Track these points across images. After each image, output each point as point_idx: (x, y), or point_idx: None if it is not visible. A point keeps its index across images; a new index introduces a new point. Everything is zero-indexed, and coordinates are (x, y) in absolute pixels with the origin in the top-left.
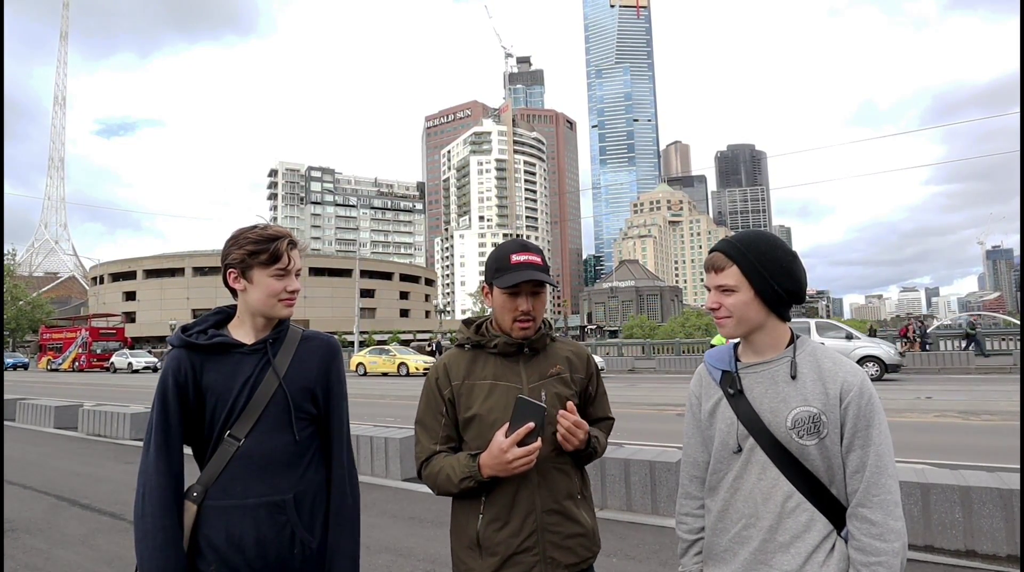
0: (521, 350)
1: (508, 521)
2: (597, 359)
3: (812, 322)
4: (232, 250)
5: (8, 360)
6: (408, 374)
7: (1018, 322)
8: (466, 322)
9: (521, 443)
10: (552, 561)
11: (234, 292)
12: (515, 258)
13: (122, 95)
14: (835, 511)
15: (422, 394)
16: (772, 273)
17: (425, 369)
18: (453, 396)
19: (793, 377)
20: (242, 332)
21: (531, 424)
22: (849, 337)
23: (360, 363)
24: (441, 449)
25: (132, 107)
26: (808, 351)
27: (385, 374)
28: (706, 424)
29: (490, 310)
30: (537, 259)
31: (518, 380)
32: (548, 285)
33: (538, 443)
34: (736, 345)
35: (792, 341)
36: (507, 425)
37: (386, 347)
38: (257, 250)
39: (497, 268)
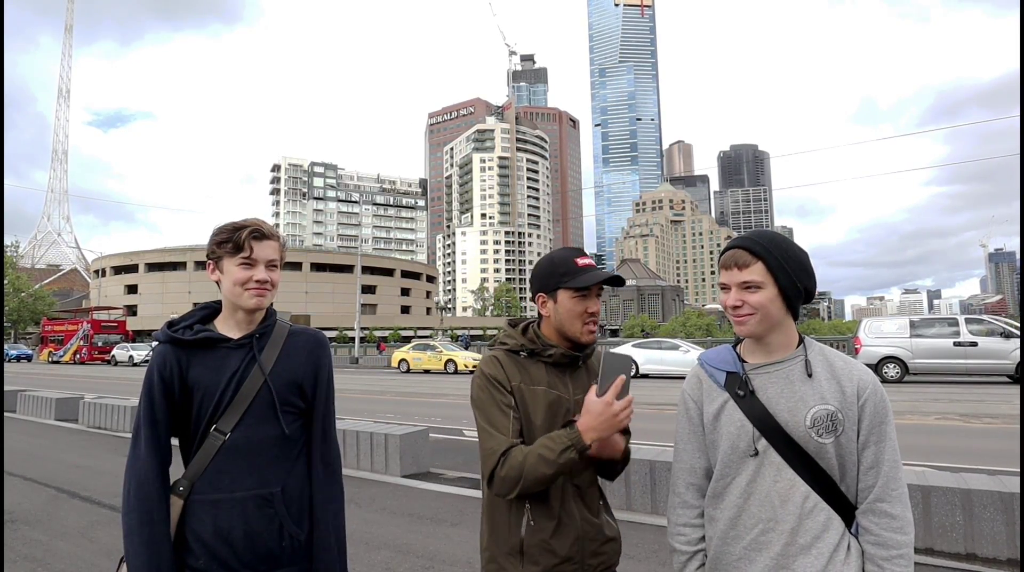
0: (576, 362)
1: (554, 532)
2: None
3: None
4: (209, 243)
5: (12, 351)
6: (456, 371)
7: (1019, 325)
8: (511, 323)
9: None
10: (589, 567)
11: (219, 285)
12: (580, 262)
13: (106, 84)
14: (844, 508)
15: (482, 392)
16: (794, 270)
17: (475, 366)
18: (514, 394)
19: (809, 376)
20: (227, 326)
21: (623, 376)
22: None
23: (403, 359)
24: (517, 443)
25: (118, 97)
26: (817, 350)
27: (427, 371)
28: (709, 428)
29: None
30: (594, 263)
31: (566, 390)
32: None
33: (631, 396)
34: (735, 346)
35: (801, 340)
36: (594, 387)
37: (431, 342)
38: (224, 240)
39: (564, 272)
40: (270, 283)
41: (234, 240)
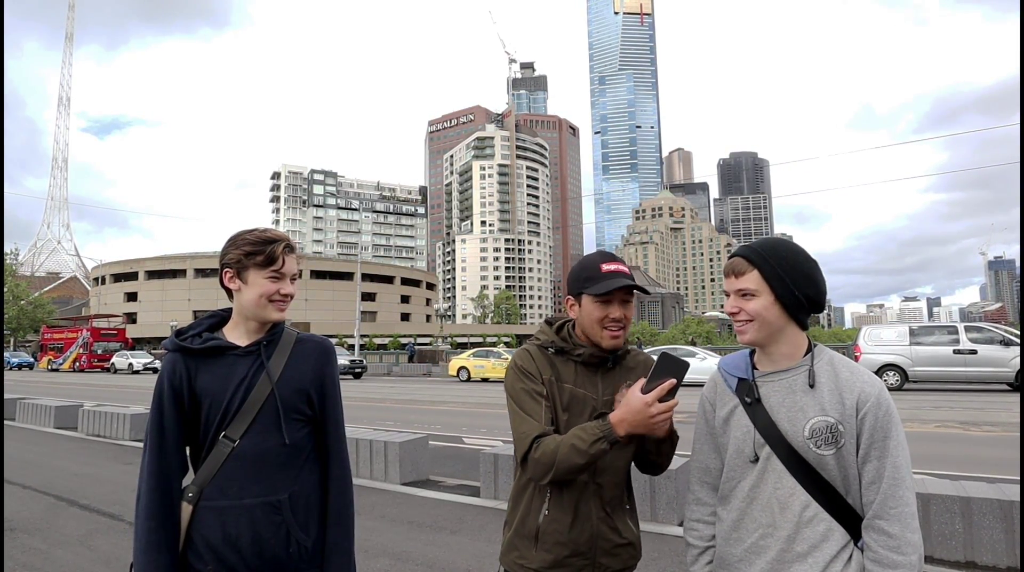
0: (605, 363)
1: (568, 524)
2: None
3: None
4: (230, 250)
5: (13, 359)
6: None
7: (1019, 333)
8: (548, 321)
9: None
10: (601, 566)
11: (230, 293)
12: (605, 267)
13: (94, 89)
14: (851, 521)
15: (515, 381)
16: (793, 279)
17: None
18: (545, 386)
19: (811, 386)
20: (236, 334)
21: (673, 380)
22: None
23: (463, 367)
24: (549, 430)
25: (107, 102)
26: (826, 360)
27: (485, 380)
28: (720, 431)
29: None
30: (625, 269)
31: (594, 390)
32: (638, 294)
33: (676, 400)
34: (752, 353)
35: (810, 349)
36: (640, 381)
37: (494, 349)
38: (254, 251)
39: (587, 277)
40: (290, 295)
41: (268, 253)
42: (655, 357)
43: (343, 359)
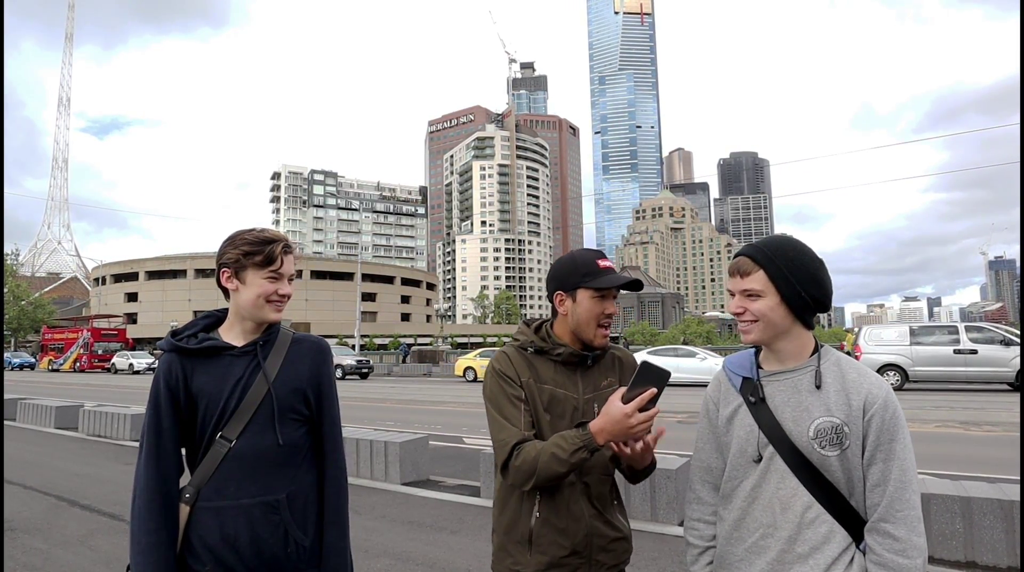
0: (584, 362)
1: (562, 525)
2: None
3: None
4: (228, 250)
5: (15, 360)
6: None
7: (1019, 333)
8: (526, 322)
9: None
10: (597, 563)
11: (226, 293)
12: (602, 263)
13: (91, 89)
14: (854, 524)
15: (493, 385)
16: (799, 279)
17: None
18: (524, 389)
19: (818, 387)
20: (232, 334)
21: (653, 389)
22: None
23: (469, 367)
24: (529, 435)
25: (104, 103)
26: (832, 361)
27: None
28: (723, 430)
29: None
30: (614, 266)
31: (575, 390)
32: (640, 294)
33: (656, 409)
34: (757, 352)
35: (816, 350)
36: (621, 390)
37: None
38: (252, 251)
39: (586, 273)
40: (288, 296)
41: (266, 253)
42: (640, 360)
43: (350, 359)
